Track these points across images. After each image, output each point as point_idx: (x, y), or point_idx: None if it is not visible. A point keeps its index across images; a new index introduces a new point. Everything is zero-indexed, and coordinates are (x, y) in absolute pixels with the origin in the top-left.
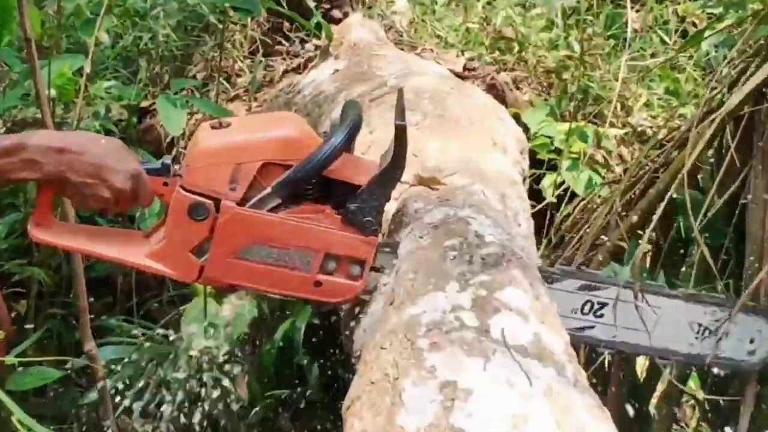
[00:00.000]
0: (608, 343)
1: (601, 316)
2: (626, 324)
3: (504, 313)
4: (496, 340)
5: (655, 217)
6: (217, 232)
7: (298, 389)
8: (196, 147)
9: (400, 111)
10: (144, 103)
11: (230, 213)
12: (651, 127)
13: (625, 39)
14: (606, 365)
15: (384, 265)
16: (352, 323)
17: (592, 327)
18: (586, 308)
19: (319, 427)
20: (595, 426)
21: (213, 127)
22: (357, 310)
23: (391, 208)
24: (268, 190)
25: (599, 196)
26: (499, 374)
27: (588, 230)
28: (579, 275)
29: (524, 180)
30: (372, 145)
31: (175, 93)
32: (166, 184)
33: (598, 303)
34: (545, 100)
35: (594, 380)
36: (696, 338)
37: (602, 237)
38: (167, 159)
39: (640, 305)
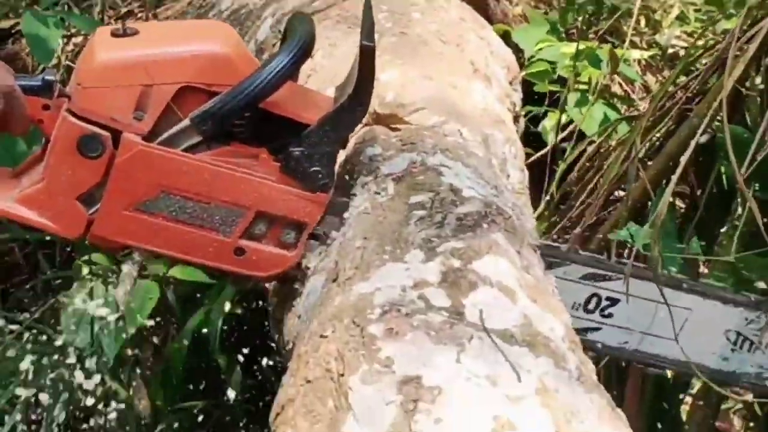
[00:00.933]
0: (616, 350)
1: (610, 315)
2: (642, 327)
3: (483, 290)
4: (472, 324)
5: (683, 159)
6: (113, 174)
7: (216, 399)
8: (91, 60)
9: (368, 29)
10: (5, 24)
11: (133, 149)
12: (686, 48)
13: None
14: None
15: (327, 231)
16: (283, 308)
17: (598, 329)
18: (591, 304)
19: None
20: None
21: (114, 35)
22: (289, 290)
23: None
24: (186, 122)
25: (615, 137)
26: (477, 368)
27: (600, 182)
28: (583, 260)
29: (516, 119)
30: (312, 74)
31: (46, 8)
32: (47, 107)
33: (607, 299)
34: (545, 13)
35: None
36: (732, 350)
37: (619, 191)
38: (50, 74)
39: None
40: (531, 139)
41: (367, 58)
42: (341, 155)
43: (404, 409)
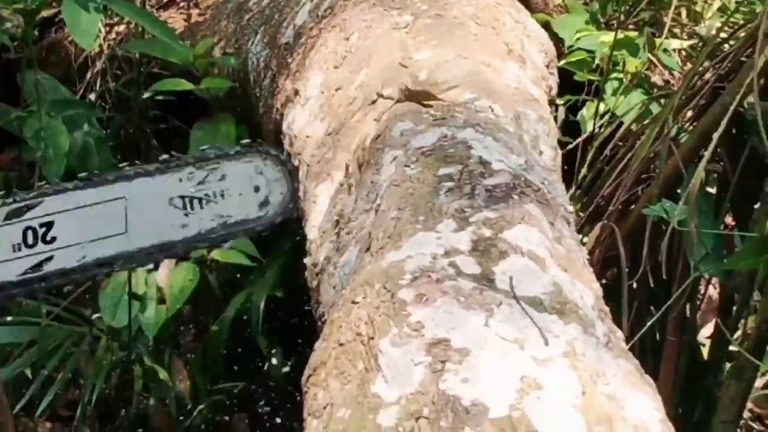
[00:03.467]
0: (78, 269)
1: (54, 239)
2: (90, 235)
3: (513, 258)
4: (502, 290)
5: (716, 135)
6: None
7: (257, 382)
8: None
9: None
10: (47, 13)
11: None
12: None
13: None
14: (656, 333)
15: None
16: (317, 281)
17: (51, 258)
18: (30, 238)
19: (285, 429)
20: (632, 395)
21: None
22: (322, 265)
23: (370, 131)
24: None
25: (647, 116)
26: (505, 331)
27: (632, 161)
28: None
29: (554, 105)
30: (347, 55)
31: None
32: None
33: (42, 225)
34: (584, 3)
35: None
36: (186, 214)
37: (651, 170)
38: None
39: None
40: (570, 128)
41: None
42: (372, 131)
43: (432, 369)
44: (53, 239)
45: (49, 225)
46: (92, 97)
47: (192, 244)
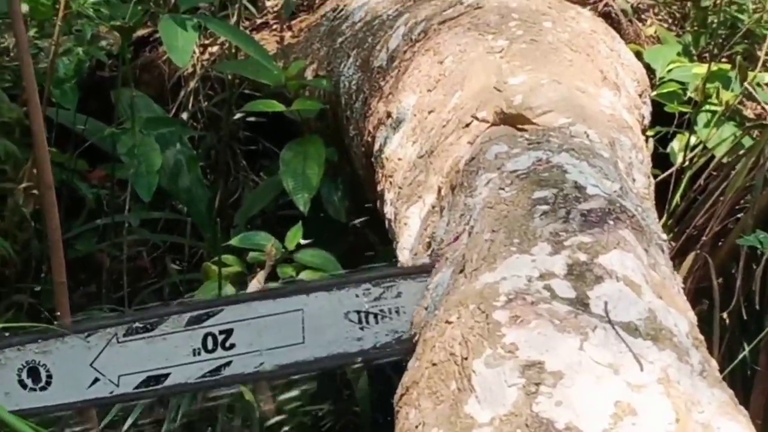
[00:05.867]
0: (255, 374)
1: (233, 346)
2: (267, 344)
3: (608, 283)
4: (597, 315)
5: None
6: None
7: (343, 404)
8: None
9: None
10: (143, 31)
11: None
12: None
13: None
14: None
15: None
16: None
17: (229, 363)
18: (209, 344)
19: None
20: (727, 425)
21: None
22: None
23: (463, 153)
24: None
25: (740, 149)
26: (600, 356)
27: (727, 190)
28: (183, 307)
29: (645, 134)
30: (441, 78)
31: (184, 13)
32: None
33: (221, 332)
34: (677, 35)
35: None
36: (361, 328)
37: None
38: None
39: None
40: (660, 161)
41: None
42: (467, 154)
43: (526, 391)
44: (233, 345)
45: (227, 332)
46: (184, 116)
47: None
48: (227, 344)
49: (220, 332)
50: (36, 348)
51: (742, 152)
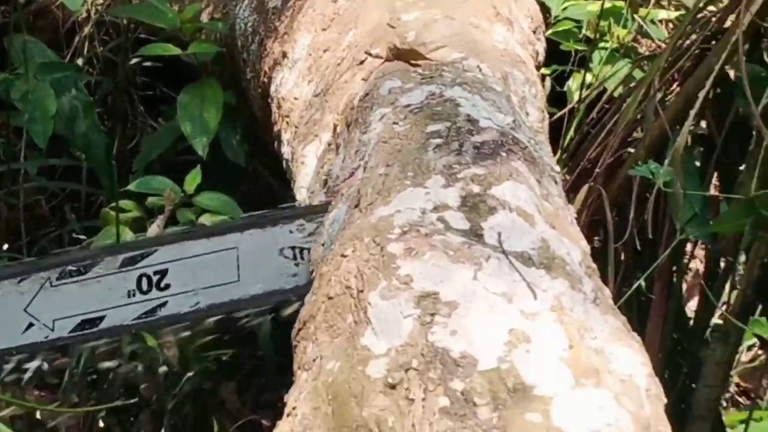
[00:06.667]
0: (192, 313)
1: (168, 286)
2: (202, 283)
3: (501, 214)
4: (490, 245)
5: (702, 95)
6: None
7: (246, 350)
8: None
9: None
10: None
11: None
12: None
13: None
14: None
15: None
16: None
17: (165, 304)
18: (144, 285)
19: (274, 398)
20: (619, 350)
21: None
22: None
23: (358, 90)
24: None
25: (632, 82)
26: (494, 285)
27: (619, 122)
28: (116, 249)
29: (540, 72)
30: (336, 18)
31: None
32: None
33: (155, 273)
34: None
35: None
36: (296, 264)
37: (637, 132)
38: None
39: None
40: (556, 99)
41: None
42: (361, 90)
43: (421, 322)
44: (168, 286)
45: (162, 273)
46: (80, 61)
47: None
48: (162, 285)
49: (155, 273)
50: None
51: (633, 84)
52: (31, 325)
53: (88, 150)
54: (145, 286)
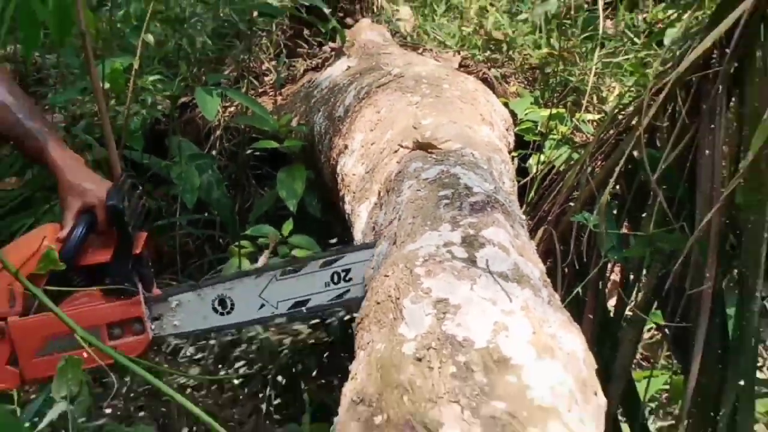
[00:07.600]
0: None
1: (350, 280)
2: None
3: (488, 248)
4: (481, 268)
5: (618, 169)
6: (15, 343)
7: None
8: None
9: (116, 190)
10: (185, 99)
11: (17, 324)
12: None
13: (600, 40)
14: (580, 301)
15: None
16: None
17: (347, 291)
18: (335, 278)
19: (344, 366)
20: (566, 335)
21: None
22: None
23: (393, 169)
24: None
25: (571, 161)
26: (484, 294)
27: (563, 187)
28: (316, 256)
29: (511, 155)
30: (379, 123)
31: (211, 86)
32: None
33: (343, 270)
34: (530, 91)
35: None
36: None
37: (575, 193)
38: None
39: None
40: (521, 172)
41: (117, 217)
42: (395, 168)
43: (437, 318)
44: (350, 279)
45: (346, 271)
46: (213, 152)
47: None
48: (347, 278)
49: (343, 270)
50: (223, 287)
51: (572, 163)
52: (263, 305)
53: (219, 209)
54: (336, 279)
